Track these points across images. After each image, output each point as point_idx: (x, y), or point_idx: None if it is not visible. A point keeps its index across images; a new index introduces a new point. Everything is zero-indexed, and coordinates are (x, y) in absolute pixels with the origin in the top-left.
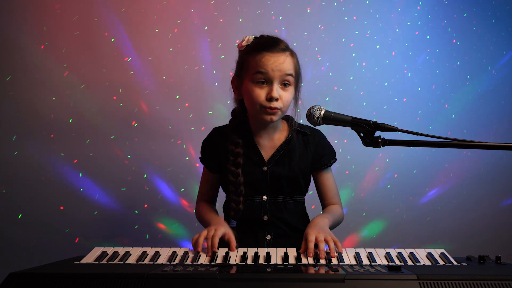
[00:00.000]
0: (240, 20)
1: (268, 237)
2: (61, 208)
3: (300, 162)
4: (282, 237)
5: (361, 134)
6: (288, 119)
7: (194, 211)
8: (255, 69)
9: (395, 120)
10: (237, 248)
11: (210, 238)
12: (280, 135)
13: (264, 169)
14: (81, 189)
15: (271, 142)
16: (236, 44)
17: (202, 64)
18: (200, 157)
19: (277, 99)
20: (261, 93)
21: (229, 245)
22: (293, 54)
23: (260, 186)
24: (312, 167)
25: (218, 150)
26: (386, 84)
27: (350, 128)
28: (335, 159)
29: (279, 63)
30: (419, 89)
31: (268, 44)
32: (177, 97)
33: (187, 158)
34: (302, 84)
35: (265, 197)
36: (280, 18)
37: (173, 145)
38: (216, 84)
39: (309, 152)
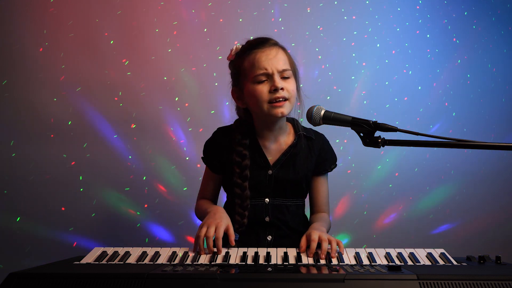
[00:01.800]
0: (240, 20)
1: (269, 238)
2: (62, 208)
3: (304, 167)
4: (283, 238)
5: (361, 134)
6: (293, 122)
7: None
8: (252, 69)
9: (396, 120)
10: (236, 246)
11: (211, 237)
12: (286, 138)
13: (269, 173)
14: (81, 189)
15: (277, 145)
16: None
17: (203, 64)
18: (203, 157)
19: (282, 89)
20: (264, 89)
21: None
22: (284, 49)
23: (264, 189)
24: (313, 171)
25: (221, 151)
26: (386, 83)
27: (350, 128)
28: (336, 165)
29: (272, 56)
30: (419, 88)
31: (257, 42)
32: (176, 98)
33: (187, 158)
34: (301, 85)
35: (267, 199)
36: (280, 19)
37: (173, 145)
38: (216, 84)
39: (313, 156)
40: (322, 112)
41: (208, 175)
